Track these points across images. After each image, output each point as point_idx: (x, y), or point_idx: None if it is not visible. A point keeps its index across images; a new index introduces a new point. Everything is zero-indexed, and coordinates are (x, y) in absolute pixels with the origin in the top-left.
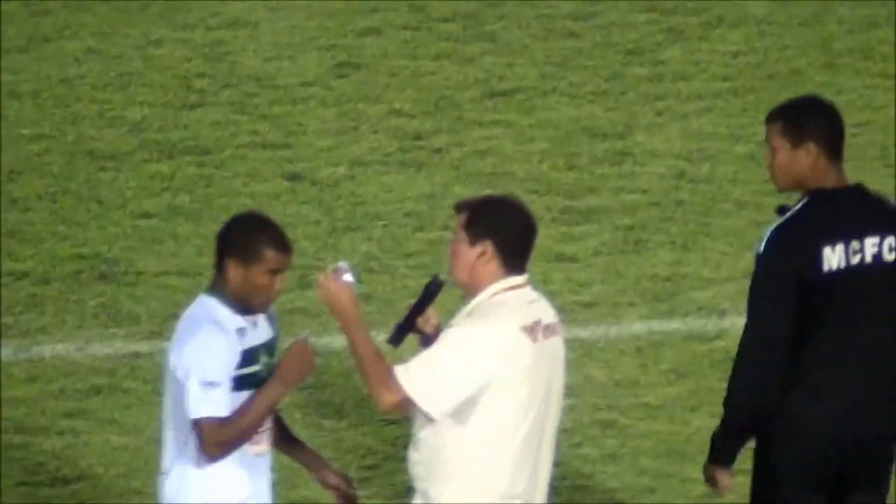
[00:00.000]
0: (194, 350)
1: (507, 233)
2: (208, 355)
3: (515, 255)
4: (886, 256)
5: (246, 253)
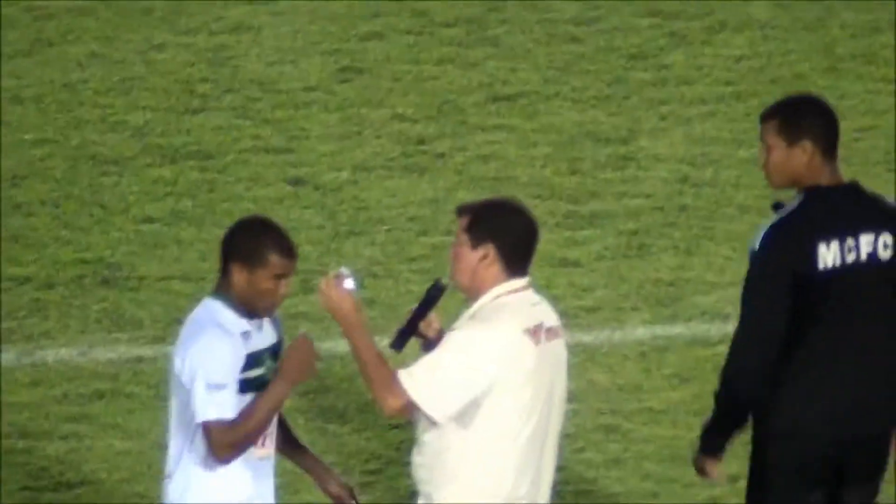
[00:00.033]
0: (199, 353)
1: (508, 236)
2: (214, 358)
3: (517, 259)
4: (881, 254)
5: (251, 257)
